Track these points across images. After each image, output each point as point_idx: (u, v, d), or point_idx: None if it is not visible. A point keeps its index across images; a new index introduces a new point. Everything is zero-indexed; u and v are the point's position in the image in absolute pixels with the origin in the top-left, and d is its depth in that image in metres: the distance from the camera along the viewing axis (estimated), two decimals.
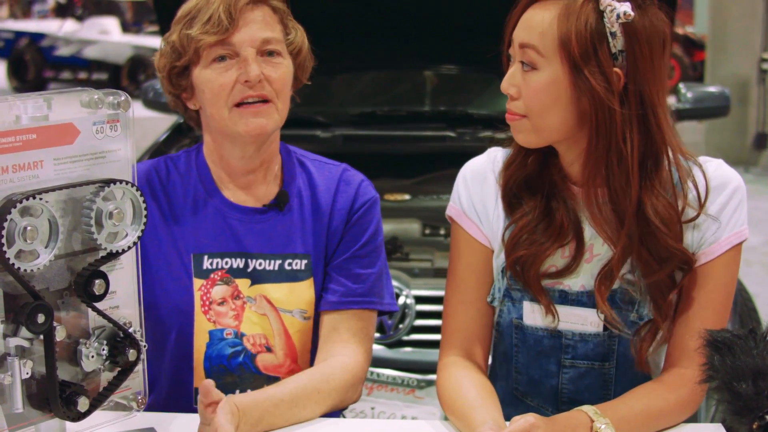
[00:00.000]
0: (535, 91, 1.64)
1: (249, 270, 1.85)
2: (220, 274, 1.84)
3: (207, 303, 1.83)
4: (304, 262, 1.87)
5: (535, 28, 1.63)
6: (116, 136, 1.39)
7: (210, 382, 1.55)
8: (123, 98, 1.38)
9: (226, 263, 1.84)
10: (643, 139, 1.64)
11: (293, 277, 1.86)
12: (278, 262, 1.86)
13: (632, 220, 1.66)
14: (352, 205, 1.90)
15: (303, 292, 1.86)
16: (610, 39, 1.60)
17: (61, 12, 18.53)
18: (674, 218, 1.67)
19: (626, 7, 1.59)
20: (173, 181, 1.88)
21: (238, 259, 1.85)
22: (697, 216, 1.69)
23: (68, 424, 1.37)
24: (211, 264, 1.84)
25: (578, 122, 1.65)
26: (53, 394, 1.31)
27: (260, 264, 1.85)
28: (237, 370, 1.84)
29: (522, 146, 1.73)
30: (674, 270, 1.69)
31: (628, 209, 1.65)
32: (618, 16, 1.59)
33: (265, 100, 1.78)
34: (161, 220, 1.85)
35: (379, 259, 1.92)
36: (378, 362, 2.78)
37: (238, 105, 1.77)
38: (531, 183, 1.76)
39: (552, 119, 1.65)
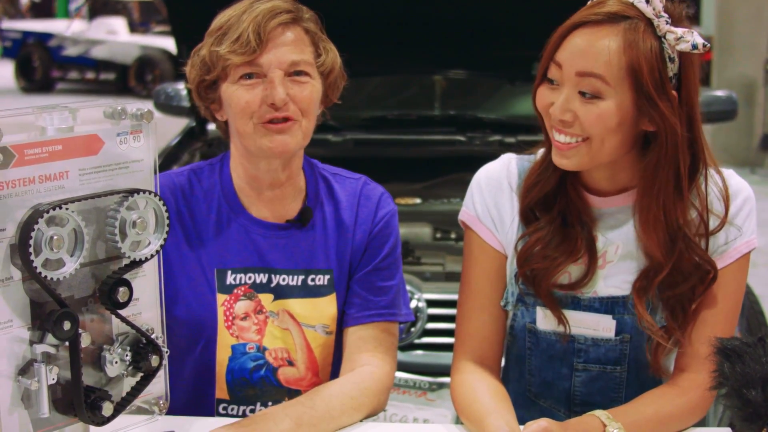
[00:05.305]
0: (601, 119, 1.61)
1: (272, 285, 1.85)
2: (243, 289, 1.84)
3: (230, 318, 1.83)
4: (327, 277, 1.87)
5: (598, 56, 1.59)
6: (139, 146, 1.41)
7: None
8: (146, 110, 1.41)
9: (250, 278, 1.84)
10: (691, 158, 1.67)
11: (316, 292, 1.86)
12: (301, 277, 1.86)
13: (682, 234, 1.67)
14: (373, 219, 1.90)
15: (325, 308, 1.86)
16: (669, 64, 1.60)
17: (35, 11, 18.53)
18: (702, 230, 1.70)
19: (699, 38, 1.59)
20: (197, 196, 1.87)
21: (262, 275, 1.84)
22: (722, 226, 1.71)
23: (92, 428, 1.39)
24: (235, 279, 1.83)
25: (632, 143, 1.67)
26: (78, 399, 1.33)
27: (283, 279, 1.85)
28: (259, 384, 1.85)
29: (548, 165, 1.73)
30: (696, 283, 1.70)
31: (681, 227, 1.67)
32: (694, 46, 1.58)
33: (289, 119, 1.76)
34: (184, 237, 1.84)
35: (398, 271, 1.93)
36: None
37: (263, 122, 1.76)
38: (548, 198, 1.76)
39: (611, 143, 1.64)
